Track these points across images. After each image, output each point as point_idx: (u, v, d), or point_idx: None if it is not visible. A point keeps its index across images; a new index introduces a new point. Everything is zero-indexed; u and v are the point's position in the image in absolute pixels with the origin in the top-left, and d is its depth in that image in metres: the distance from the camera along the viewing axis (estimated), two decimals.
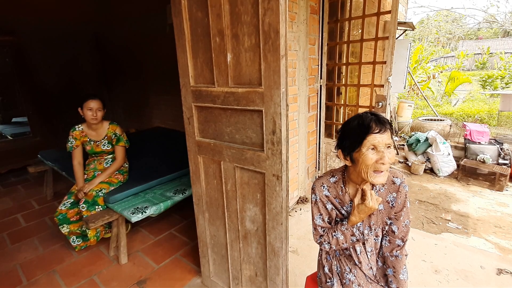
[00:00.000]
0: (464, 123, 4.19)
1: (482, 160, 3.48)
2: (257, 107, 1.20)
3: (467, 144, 3.74)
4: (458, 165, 3.58)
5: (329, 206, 1.12)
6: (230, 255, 1.58)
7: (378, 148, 0.94)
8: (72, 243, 2.20)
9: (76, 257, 2.17)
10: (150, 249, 2.26)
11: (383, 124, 0.94)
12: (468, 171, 3.60)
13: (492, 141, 3.76)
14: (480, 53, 15.20)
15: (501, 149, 3.56)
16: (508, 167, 3.34)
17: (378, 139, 0.93)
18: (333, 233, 1.10)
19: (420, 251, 2.14)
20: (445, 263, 2.01)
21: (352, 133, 0.98)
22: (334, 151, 1.09)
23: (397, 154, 4.49)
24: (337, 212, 1.12)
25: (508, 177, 3.21)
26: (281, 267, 1.35)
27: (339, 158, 1.04)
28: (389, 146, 0.95)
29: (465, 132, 3.87)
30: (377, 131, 0.93)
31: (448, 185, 3.37)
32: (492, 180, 3.39)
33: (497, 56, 12.51)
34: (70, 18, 4.49)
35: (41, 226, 2.61)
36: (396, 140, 4.93)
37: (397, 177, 1.07)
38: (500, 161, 3.47)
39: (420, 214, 2.73)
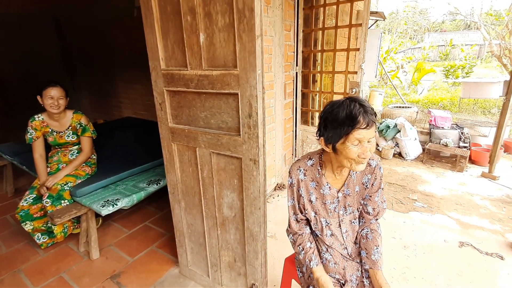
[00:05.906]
0: (430, 109, 4.43)
1: (445, 144, 3.71)
2: (233, 90, 1.16)
3: (431, 129, 3.97)
4: (423, 149, 3.81)
5: (302, 190, 1.12)
6: (208, 243, 1.56)
7: (362, 142, 0.92)
8: (37, 241, 2.06)
9: (42, 255, 2.03)
10: (123, 242, 2.17)
11: (370, 117, 0.89)
12: (432, 154, 3.84)
13: (454, 126, 4.02)
14: (444, 45, 16.07)
15: (462, 133, 3.82)
16: (467, 149, 3.60)
17: (364, 134, 0.90)
18: (299, 246, 1.15)
19: (390, 229, 2.26)
20: (413, 239, 2.14)
21: (337, 124, 0.92)
22: (316, 137, 1.06)
23: None
24: (310, 197, 1.13)
25: (467, 159, 3.46)
26: (259, 251, 1.35)
27: (320, 144, 1.03)
28: (371, 139, 0.93)
29: (430, 118, 4.10)
30: (364, 126, 0.89)
31: (415, 168, 3.57)
32: (453, 162, 3.65)
33: (458, 48, 13.35)
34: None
35: (2, 225, 2.41)
36: None
37: (373, 159, 1.09)
38: (461, 144, 3.74)
39: (389, 196, 2.87)
